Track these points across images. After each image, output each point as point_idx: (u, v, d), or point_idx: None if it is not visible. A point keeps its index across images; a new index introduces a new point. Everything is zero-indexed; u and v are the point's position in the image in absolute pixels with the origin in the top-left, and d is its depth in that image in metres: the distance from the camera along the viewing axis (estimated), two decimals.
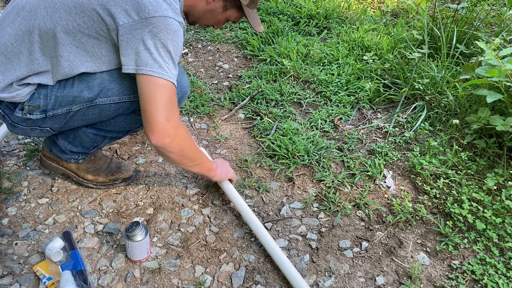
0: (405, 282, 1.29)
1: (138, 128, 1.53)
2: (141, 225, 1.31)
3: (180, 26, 1.23)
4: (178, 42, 1.23)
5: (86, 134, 1.47)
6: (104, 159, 1.63)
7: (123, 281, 1.29)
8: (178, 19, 1.22)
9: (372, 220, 1.50)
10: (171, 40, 1.21)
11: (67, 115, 1.35)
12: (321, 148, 1.81)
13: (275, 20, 2.81)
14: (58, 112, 1.34)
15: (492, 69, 1.63)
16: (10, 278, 1.28)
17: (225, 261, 1.35)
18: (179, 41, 1.23)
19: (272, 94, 2.16)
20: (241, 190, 1.61)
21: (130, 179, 1.63)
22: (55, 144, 1.53)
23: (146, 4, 1.18)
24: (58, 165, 1.58)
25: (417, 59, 2.20)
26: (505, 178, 1.58)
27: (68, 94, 1.31)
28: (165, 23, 1.19)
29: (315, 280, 1.30)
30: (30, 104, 1.30)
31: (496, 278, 1.28)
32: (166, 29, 1.19)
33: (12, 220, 1.47)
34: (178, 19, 1.22)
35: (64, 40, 1.23)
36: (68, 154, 1.54)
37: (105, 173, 1.60)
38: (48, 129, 1.40)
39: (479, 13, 2.50)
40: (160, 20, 1.18)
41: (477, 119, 1.71)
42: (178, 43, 1.23)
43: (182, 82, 1.43)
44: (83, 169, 1.58)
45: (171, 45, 1.21)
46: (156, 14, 1.18)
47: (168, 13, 1.19)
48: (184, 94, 1.47)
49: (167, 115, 1.24)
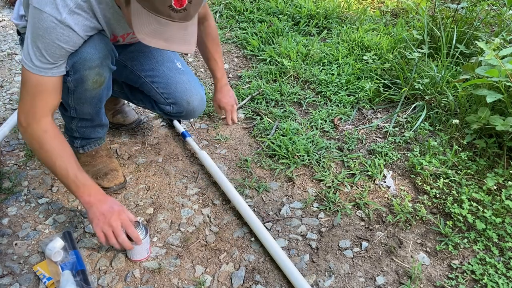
0: (405, 282, 1.29)
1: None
2: (142, 225, 1.31)
3: (58, 24, 1.13)
4: (53, 39, 1.15)
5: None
6: (103, 158, 1.64)
7: (123, 281, 1.29)
8: (55, 15, 1.12)
9: (372, 220, 1.50)
10: (41, 37, 1.14)
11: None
12: (321, 148, 1.81)
13: (275, 20, 2.82)
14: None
15: (492, 69, 1.63)
16: (10, 278, 1.28)
17: (225, 261, 1.36)
18: (53, 39, 1.15)
19: (272, 94, 2.16)
20: (241, 190, 1.61)
21: (109, 190, 1.56)
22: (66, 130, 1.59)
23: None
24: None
25: (417, 59, 2.21)
26: (505, 178, 1.58)
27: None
28: (38, 17, 1.13)
29: (315, 280, 1.30)
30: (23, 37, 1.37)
31: (496, 278, 1.28)
32: (38, 24, 1.13)
33: (12, 220, 1.47)
34: (55, 15, 1.12)
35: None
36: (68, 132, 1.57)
37: (91, 173, 1.59)
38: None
39: (479, 13, 2.50)
40: (36, 12, 1.13)
41: (477, 119, 1.72)
42: (53, 41, 1.15)
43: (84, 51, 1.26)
44: (83, 161, 1.61)
45: (41, 42, 1.15)
46: (35, 4, 1.13)
47: (45, 7, 1.12)
48: (83, 61, 1.27)
49: (21, 107, 1.24)
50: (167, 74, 1.61)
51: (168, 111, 1.66)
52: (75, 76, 1.30)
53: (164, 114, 1.72)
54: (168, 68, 1.62)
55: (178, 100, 1.62)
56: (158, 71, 1.60)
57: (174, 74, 1.62)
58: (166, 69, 1.61)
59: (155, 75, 1.60)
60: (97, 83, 1.36)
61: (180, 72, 1.63)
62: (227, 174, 1.70)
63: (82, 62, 1.27)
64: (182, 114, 1.67)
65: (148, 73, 1.60)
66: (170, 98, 1.62)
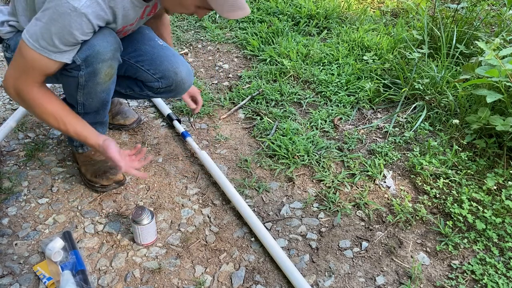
0: (405, 282, 1.29)
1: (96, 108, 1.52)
2: (146, 209, 1.34)
3: (73, 11, 1.16)
4: (65, 26, 1.18)
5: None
6: (103, 160, 1.64)
7: (123, 281, 1.29)
8: (73, 2, 1.16)
9: (372, 220, 1.50)
10: (55, 21, 1.17)
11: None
12: (321, 148, 1.81)
13: (275, 20, 2.81)
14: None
15: (492, 69, 1.63)
16: (10, 278, 1.28)
17: (225, 261, 1.36)
18: (66, 25, 1.18)
19: (272, 94, 2.16)
20: (241, 190, 1.61)
21: (108, 187, 1.58)
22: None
23: None
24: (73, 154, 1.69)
25: (417, 59, 2.21)
26: (505, 178, 1.58)
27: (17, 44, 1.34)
28: (57, 2, 1.16)
29: (315, 280, 1.30)
30: (7, 43, 1.41)
31: (496, 278, 1.28)
32: (55, 8, 1.16)
33: (12, 220, 1.47)
34: (72, 3, 1.16)
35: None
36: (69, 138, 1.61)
37: (91, 171, 1.61)
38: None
39: (479, 13, 2.50)
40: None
41: (477, 119, 1.72)
42: (65, 27, 1.18)
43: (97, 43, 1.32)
44: (82, 161, 1.64)
45: (54, 26, 1.18)
46: None
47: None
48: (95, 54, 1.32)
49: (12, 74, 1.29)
50: (150, 51, 1.61)
51: (157, 87, 1.64)
52: (88, 70, 1.34)
53: (153, 94, 1.70)
54: (150, 46, 1.62)
55: (166, 73, 1.61)
56: (141, 50, 1.59)
57: (158, 50, 1.62)
58: (148, 47, 1.61)
59: (138, 55, 1.59)
60: (108, 76, 1.40)
61: (163, 47, 1.64)
62: (227, 174, 1.70)
63: (96, 55, 1.32)
64: (171, 87, 1.65)
65: (132, 54, 1.58)
66: (157, 72, 1.61)
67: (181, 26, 2.93)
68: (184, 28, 2.90)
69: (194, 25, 2.94)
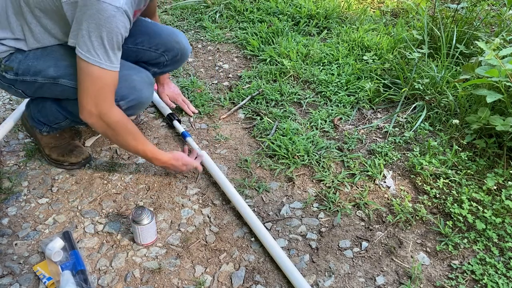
0: (405, 282, 1.29)
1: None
2: (146, 209, 1.35)
3: (117, 11, 1.19)
4: (113, 28, 1.21)
5: (51, 108, 1.54)
6: (67, 139, 1.69)
7: (123, 281, 1.29)
8: (114, 3, 1.18)
9: (372, 220, 1.50)
10: (103, 26, 1.19)
11: (34, 84, 1.43)
12: (321, 148, 1.81)
13: (275, 20, 2.81)
14: (26, 79, 1.41)
15: (492, 69, 1.63)
16: (10, 278, 1.28)
17: (225, 261, 1.36)
18: (113, 27, 1.21)
19: (272, 94, 2.16)
20: (241, 190, 1.61)
21: (77, 165, 1.66)
22: (29, 108, 1.61)
23: None
24: (29, 128, 1.68)
25: (417, 59, 2.20)
26: (505, 178, 1.58)
27: (37, 66, 1.38)
28: (98, 8, 1.17)
29: (315, 280, 1.30)
30: (6, 64, 1.39)
31: (496, 278, 1.28)
32: (99, 14, 1.17)
33: (12, 220, 1.47)
34: (114, 3, 1.18)
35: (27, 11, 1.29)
36: (35, 122, 1.60)
37: (57, 152, 1.66)
38: (21, 91, 1.47)
39: (479, 13, 2.50)
40: (93, 4, 1.17)
41: (477, 119, 1.71)
42: (113, 29, 1.21)
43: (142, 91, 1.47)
44: (45, 141, 1.66)
45: (104, 31, 1.20)
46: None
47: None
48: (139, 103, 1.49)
49: (88, 101, 1.30)
50: (144, 30, 1.64)
51: (164, 62, 1.69)
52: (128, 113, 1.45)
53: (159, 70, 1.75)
54: (142, 26, 1.65)
55: (168, 45, 1.65)
56: (136, 32, 1.59)
57: (151, 27, 1.65)
58: (142, 27, 1.64)
59: (134, 38, 1.61)
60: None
61: (154, 24, 1.68)
62: (227, 174, 1.70)
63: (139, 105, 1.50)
64: (177, 57, 1.72)
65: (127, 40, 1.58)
66: (160, 47, 1.65)
67: (181, 26, 2.93)
68: (184, 28, 2.89)
69: (194, 25, 2.94)
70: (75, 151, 1.68)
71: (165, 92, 1.99)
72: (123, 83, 1.41)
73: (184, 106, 2.01)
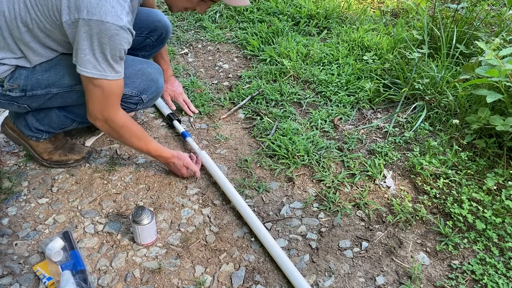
0: (405, 282, 1.29)
1: None
2: (146, 209, 1.35)
3: (120, 30, 1.22)
4: (116, 46, 1.24)
5: (58, 116, 1.55)
6: (62, 140, 1.70)
7: (123, 281, 1.29)
8: (118, 22, 1.20)
9: (372, 220, 1.50)
10: (107, 44, 1.23)
11: (46, 96, 1.44)
12: (321, 148, 1.81)
13: (275, 20, 2.81)
14: (37, 93, 1.42)
15: (492, 69, 1.63)
16: (10, 278, 1.28)
17: (225, 261, 1.36)
18: (117, 45, 1.24)
19: (272, 94, 2.16)
20: (241, 190, 1.61)
21: (82, 160, 1.69)
22: (21, 119, 1.59)
23: (86, 3, 1.18)
24: (18, 137, 1.65)
25: (417, 59, 2.20)
26: (505, 178, 1.58)
27: (49, 78, 1.39)
28: (101, 28, 1.20)
29: (315, 280, 1.30)
30: (10, 83, 1.38)
31: (496, 278, 1.28)
32: (102, 33, 1.20)
33: (12, 220, 1.47)
34: (118, 23, 1.20)
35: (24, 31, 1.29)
36: (33, 131, 1.60)
37: (58, 153, 1.66)
38: (26, 106, 1.47)
39: (479, 13, 2.50)
40: (97, 24, 1.19)
41: (477, 119, 1.71)
42: (116, 47, 1.24)
43: (159, 81, 1.55)
44: (42, 147, 1.65)
45: (108, 49, 1.24)
46: (93, 17, 1.18)
47: (106, 17, 1.18)
48: (158, 93, 1.59)
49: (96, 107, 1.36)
50: None
51: (150, 43, 1.73)
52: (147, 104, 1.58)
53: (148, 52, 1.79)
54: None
55: (151, 26, 1.69)
56: None
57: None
58: None
59: None
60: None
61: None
62: (227, 174, 1.70)
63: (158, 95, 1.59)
64: (162, 36, 1.76)
65: None
66: (143, 30, 1.68)
67: (181, 26, 2.93)
68: (184, 28, 2.90)
69: (194, 25, 2.94)
70: (75, 148, 1.70)
71: (168, 90, 2.00)
72: (141, 77, 1.49)
73: (184, 106, 2.02)
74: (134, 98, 1.52)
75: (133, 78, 1.48)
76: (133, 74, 1.48)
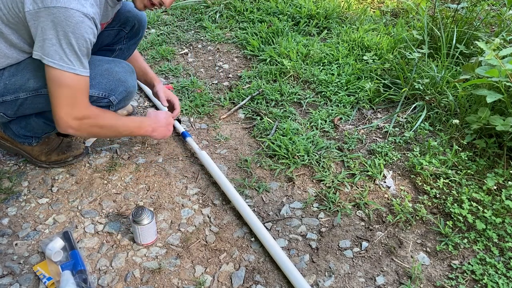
0: (405, 282, 1.29)
1: None
2: (146, 209, 1.35)
3: (85, 18, 1.21)
4: (82, 34, 1.21)
5: (37, 123, 1.54)
6: (57, 140, 1.69)
7: (123, 281, 1.29)
8: (82, 9, 1.19)
9: (372, 220, 1.50)
10: (71, 33, 1.20)
11: (16, 102, 1.41)
12: (321, 148, 1.81)
13: (275, 20, 2.81)
14: (7, 99, 1.40)
15: (492, 69, 1.63)
16: (10, 278, 1.28)
17: (225, 261, 1.36)
18: (82, 33, 1.21)
19: (272, 94, 2.16)
20: (241, 190, 1.61)
21: (81, 156, 1.70)
22: (9, 127, 1.59)
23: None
24: (12, 145, 1.66)
25: (417, 59, 2.20)
26: (505, 178, 1.58)
27: (16, 82, 1.37)
28: (66, 15, 1.18)
29: (315, 280, 1.30)
30: None
31: (496, 278, 1.28)
32: (67, 21, 1.18)
33: (12, 220, 1.47)
34: (82, 10, 1.19)
35: None
36: (22, 138, 1.60)
37: (56, 153, 1.67)
38: (2, 114, 1.46)
39: (479, 13, 2.50)
40: (61, 11, 1.17)
41: (477, 119, 1.71)
42: (82, 35, 1.21)
43: (128, 81, 1.49)
44: (37, 150, 1.65)
45: (73, 37, 1.20)
46: (58, 4, 1.17)
47: (70, 4, 1.17)
48: (128, 94, 1.52)
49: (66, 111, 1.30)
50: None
51: (124, 35, 1.71)
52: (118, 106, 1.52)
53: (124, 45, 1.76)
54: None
55: (122, 18, 1.67)
56: None
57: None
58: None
59: None
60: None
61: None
62: (227, 174, 1.70)
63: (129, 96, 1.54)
64: (136, 26, 1.73)
65: None
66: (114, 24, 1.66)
67: (181, 26, 2.93)
68: (184, 28, 2.90)
69: (194, 25, 2.94)
70: (72, 145, 1.71)
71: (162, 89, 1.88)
72: (108, 77, 1.44)
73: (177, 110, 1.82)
74: (103, 100, 1.46)
75: (99, 79, 1.42)
76: (99, 74, 1.42)
